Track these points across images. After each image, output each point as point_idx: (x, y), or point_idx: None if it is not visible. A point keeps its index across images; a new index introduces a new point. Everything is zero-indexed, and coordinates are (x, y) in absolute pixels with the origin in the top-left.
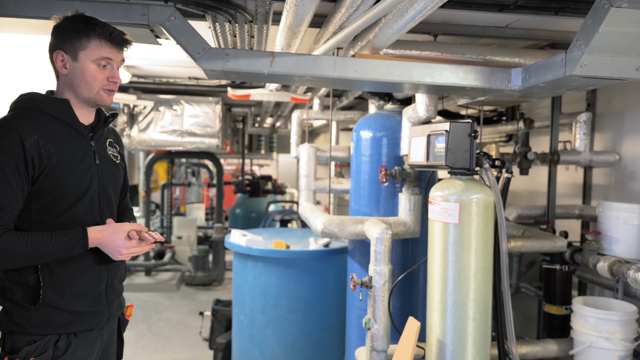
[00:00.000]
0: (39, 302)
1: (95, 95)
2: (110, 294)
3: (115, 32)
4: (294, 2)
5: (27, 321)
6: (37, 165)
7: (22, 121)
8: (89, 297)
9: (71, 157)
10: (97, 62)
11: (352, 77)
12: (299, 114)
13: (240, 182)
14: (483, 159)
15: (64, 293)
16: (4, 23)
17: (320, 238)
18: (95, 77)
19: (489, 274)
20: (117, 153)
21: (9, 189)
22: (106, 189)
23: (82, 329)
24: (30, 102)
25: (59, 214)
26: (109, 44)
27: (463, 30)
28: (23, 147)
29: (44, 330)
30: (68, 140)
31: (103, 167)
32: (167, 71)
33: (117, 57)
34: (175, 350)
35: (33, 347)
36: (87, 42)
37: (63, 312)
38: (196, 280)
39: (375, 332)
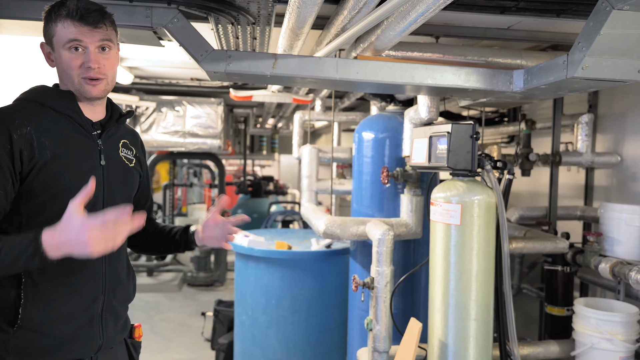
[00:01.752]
0: (17, 323)
1: (78, 86)
2: (107, 317)
3: (80, 8)
4: (296, 4)
5: (4, 347)
6: (26, 159)
7: (15, 112)
8: (79, 320)
9: (70, 155)
10: (67, 47)
11: (354, 78)
12: (301, 115)
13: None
14: (485, 160)
15: (48, 313)
16: (7, 25)
17: (322, 239)
18: (70, 65)
19: (490, 275)
20: (133, 156)
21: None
22: (112, 192)
23: (69, 357)
24: (32, 94)
25: (51, 218)
26: (73, 22)
27: (465, 32)
28: (10, 139)
29: (22, 358)
30: (69, 136)
31: (110, 169)
32: (170, 72)
33: (90, 37)
34: (177, 351)
35: None
36: (54, 26)
37: (46, 337)
38: (198, 280)
39: (377, 333)
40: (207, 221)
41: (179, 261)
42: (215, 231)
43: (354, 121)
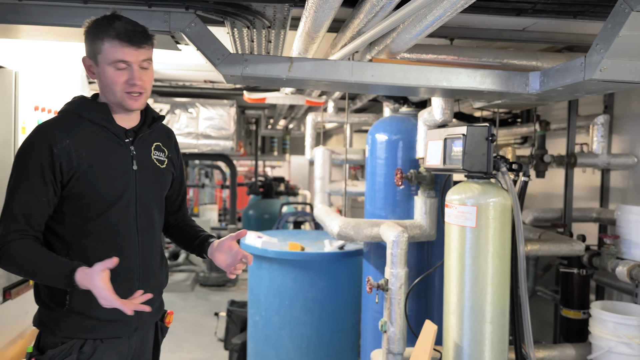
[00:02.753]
0: (66, 305)
1: (120, 100)
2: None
3: (128, 31)
4: (313, 8)
5: (55, 324)
6: (65, 170)
7: (56, 126)
8: None
9: (104, 163)
10: (113, 65)
11: (369, 81)
12: (314, 117)
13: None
14: (500, 162)
15: (90, 300)
16: (29, 30)
17: (335, 240)
18: (115, 81)
19: (506, 278)
20: (165, 157)
21: (30, 194)
22: (144, 196)
23: (108, 336)
24: (73, 106)
25: (90, 219)
26: (121, 43)
27: (479, 34)
28: (51, 153)
29: (70, 334)
30: (103, 145)
31: (142, 173)
32: (184, 75)
33: (134, 57)
34: (191, 350)
35: (57, 350)
36: (101, 44)
37: (89, 319)
38: (210, 281)
39: (391, 334)
40: (224, 243)
41: (192, 261)
42: (226, 255)
43: (366, 122)
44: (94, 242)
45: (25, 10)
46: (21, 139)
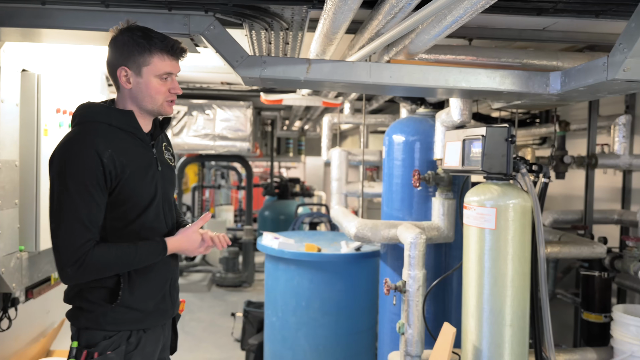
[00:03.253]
0: (117, 302)
1: (159, 107)
2: (173, 292)
3: (175, 45)
4: (332, 9)
5: (103, 318)
6: (114, 178)
7: (96, 137)
8: (157, 297)
9: (140, 167)
10: (159, 76)
11: (387, 82)
12: (330, 118)
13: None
14: (520, 163)
15: (137, 294)
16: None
17: (351, 241)
18: (159, 91)
19: (526, 280)
20: (171, 155)
21: (93, 203)
22: (167, 193)
23: (151, 325)
24: (96, 114)
25: (130, 221)
26: (170, 57)
27: (499, 34)
28: (101, 162)
29: (117, 327)
30: (135, 151)
31: (163, 173)
32: (201, 77)
33: (176, 69)
34: (208, 350)
35: (109, 341)
36: (149, 57)
37: (135, 311)
38: (226, 281)
39: (409, 336)
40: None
41: (208, 262)
42: None
43: (383, 123)
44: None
45: (49, 14)
46: (44, 141)
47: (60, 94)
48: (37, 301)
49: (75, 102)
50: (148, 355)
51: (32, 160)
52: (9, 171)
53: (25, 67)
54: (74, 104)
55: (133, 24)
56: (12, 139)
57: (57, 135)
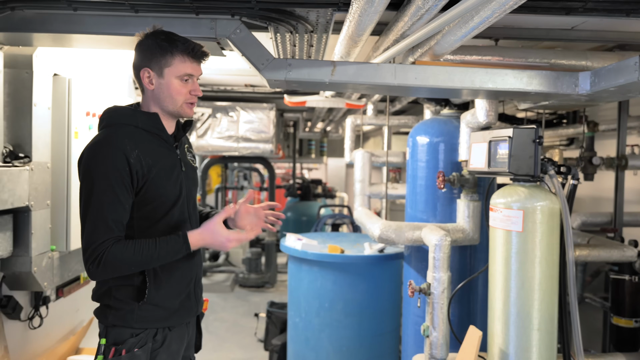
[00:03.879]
0: (143, 300)
1: (179, 109)
2: (197, 291)
3: (197, 48)
4: (358, 12)
5: (131, 316)
6: (140, 178)
7: (124, 138)
8: (182, 295)
9: (164, 168)
10: (180, 77)
11: (412, 84)
12: (353, 120)
13: (291, 186)
14: (548, 165)
15: (163, 292)
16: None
17: (375, 243)
18: (180, 92)
19: (554, 284)
20: (192, 156)
21: (118, 203)
22: (190, 192)
23: (176, 323)
24: (123, 117)
25: (156, 220)
26: (191, 59)
27: (525, 34)
28: (128, 163)
29: (144, 325)
30: (161, 152)
31: (187, 173)
32: (225, 79)
33: (197, 71)
34: (231, 350)
35: (136, 339)
36: (171, 59)
37: (161, 309)
38: (249, 282)
39: (434, 339)
40: (239, 212)
41: (231, 262)
42: (248, 218)
43: (406, 124)
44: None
45: (81, 20)
46: (74, 143)
47: (89, 97)
48: (67, 300)
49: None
50: (173, 353)
51: (63, 162)
52: (41, 173)
53: (56, 72)
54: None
55: (158, 29)
56: (44, 141)
57: (86, 137)
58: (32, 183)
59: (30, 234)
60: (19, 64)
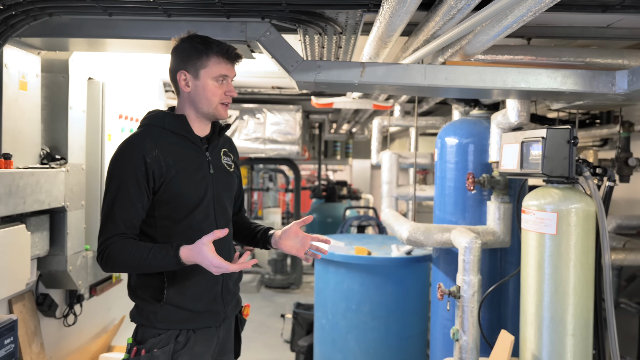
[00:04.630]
0: (163, 300)
1: (214, 110)
2: (226, 296)
3: (231, 49)
4: (388, 12)
5: (154, 316)
6: (157, 177)
7: (145, 138)
8: (206, 298)
9: (188, 168)
10: (215, 78)
11: (442, 84)
12: (380, 121)
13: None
14: (583, 166)
15: (184, 293)
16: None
17: (402, 245)
18: (215, 93)
19: (589, 288)
20: (231, 162)
21: (128, 201)
22: (220, 196)
23: (200, 326)
24: (153, 119)
25: (178, 220)
26: (226, 60)
27: (559, 32)
28: (145, 162)
29: (167, 326)
30: (185, 153)
31: (217, 176)
32: (253, 81)
33: (231, 72)
34: (258, 350)
35: (157, 339)
36: (206, 60)
37: (183, 311)
38: (275, 283)
39: (464, 343)
40: (288, 231)
41: (257, 264)
42: (293, 241)
43: (434, 126)
44: (182, 240)
45: (115, 25)
46: (107, 145)
47: (122, 100)
48: (100, 298)
49: (135, 108)
50: (196, 356)
51: (97, 163)
52: (76, 174)
53: (91, 76)
54: (135, 109)
55: (193, 33)
56: (79, 143)
57: (119, 139)
58: (68, 184)
59: (66, 233)
60: (55, 68)
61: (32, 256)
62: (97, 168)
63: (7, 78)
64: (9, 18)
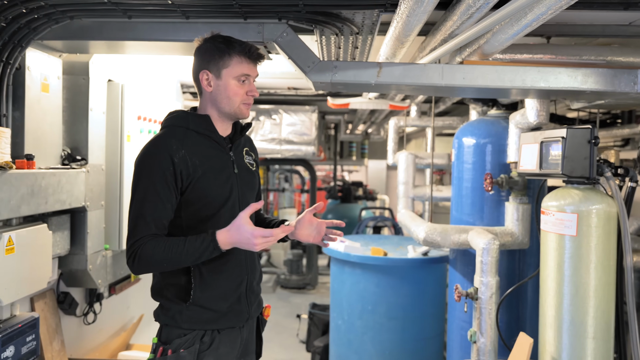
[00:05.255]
0: (189, 300)
1: (236, 110)
2: (250, 295)
3: (253, 49)
4: (405, 12)
5: (179, 316)
6: (185, 177)
7: (171, 138)
8: (231, 298)
9: (213, 168)
10: (237, 78)
11: (460, 84)
12: (396, 121)
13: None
14: (604, 166)
15: (209, 294)
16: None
17: (418, 246)
18: (237, 93)
19: (610, 291)
20: (253, 160)
21: (158, 201)
22: (245, 195)
23: (225, 326)
24: (177, 119)
25: (204, 220)
26: (248, 60)
27: (579, 30)
28: (172, 163)
29: (192, 326)
30: (210, 153)
31: (241, 176)
32: (269, 82)
33: (253, 72)
34: (274, 350)
35: (183, 339)
36: (229, 60)
37: (209, 311)
38: (291, 283)
39: (481, 345)
40: (302, 219)
41: (273, 264)
42: (308, 229)
43: (450, 126)
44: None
45: (134, 27)
46: (126, 146)
47: (140, 102)
48: (119, 297)
49: (154, 109)
50: (221, 356)
51: (116, 164)
52: (96, 175)
53: (110, 78)
54: (153, 111)
55: (216, 34)
56: (99, 144)
57: (138, 140)
58: (88, 184)
59: (86, 233)
60: (76, 70)
61: (54, 255)
62: (117, 169)
63: (29, 80)
64: (32, 21)
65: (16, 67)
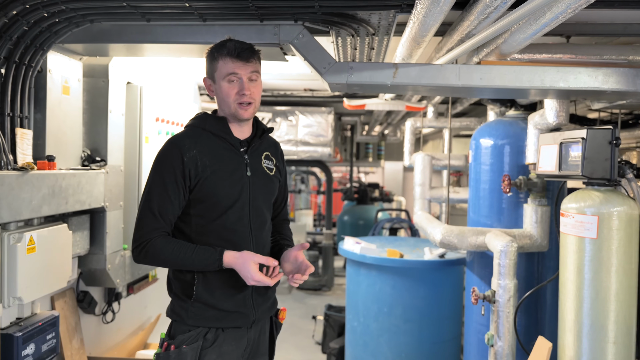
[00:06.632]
0: (193, 297)
1: (234, 111)
2: (257, 298)
3: (237, 47)
4: (422, 13)
5: (185, 313)
6: (193, 176)
7: (186, 138)
8: (235, 299)
9: (224, 169)
10: (226, 79)
11: (477, 85)
12: (413, 122)
13: (348, 190)
14: (626, 168)
15: (213, 292)
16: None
17: (435, 248)
18: (228, 94)
19: (632, 295)
20: (273, 166)
21: (166, 197)
22: (256, 199)
23: (229, 326)
24: (196, 120)
25: (212, 219)
26: (231, 58)
27: (600, 30)
28: (182, 161)
29: (196, 322)
30: (222, 154)
31: (254, 179)
32: (285, 84)
33: (242, 70)
34: (289, 352)
35: (186, 335)
36: (216, 63)
37: (212, 309)
38: (306, 284)
39: (499, 349)
40: (289, 255)
41: None
42: (292, 265)
43: (468, 127)
44: (215, 239)
45: (152, 30)
46: (145, 148)
47: (158, 104)
48: (137, 296)
49: (172, 111)
50: (224, 354)
51: (134, 165)
52: (115, 176)
53: (129, 80)
54: (171, 113)
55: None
56: (118, 146)
57: (156, 142)
58: (107, 185)
59: (105, 233)
60: (96, 73)
61: (73, 255)
62: (135, 170)
63: (50, 83)
64: (53, 25)
65: (38, 69)
